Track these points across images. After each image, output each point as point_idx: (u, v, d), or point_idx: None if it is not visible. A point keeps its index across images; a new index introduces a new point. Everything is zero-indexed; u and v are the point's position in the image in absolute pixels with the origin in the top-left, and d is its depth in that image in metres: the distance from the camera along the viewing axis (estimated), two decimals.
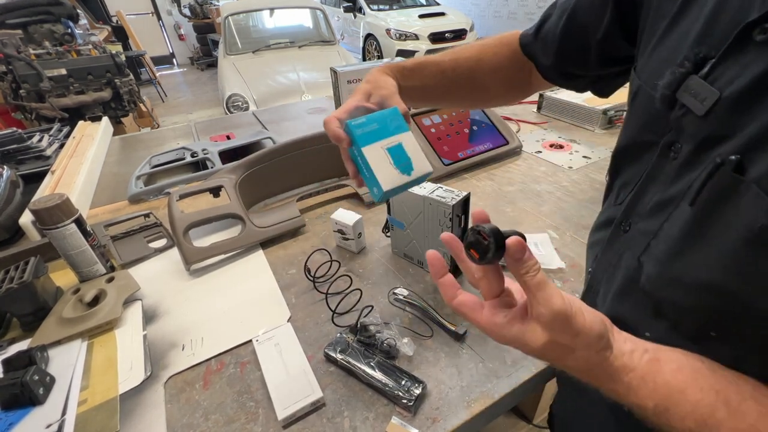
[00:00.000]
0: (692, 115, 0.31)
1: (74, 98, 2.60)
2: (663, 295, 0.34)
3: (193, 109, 5.25)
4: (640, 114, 0.39)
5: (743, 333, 0.30)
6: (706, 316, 0.31)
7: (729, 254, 0.28)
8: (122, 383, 0.57)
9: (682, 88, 0.32)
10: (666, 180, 0.35)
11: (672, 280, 0.33)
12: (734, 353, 0.30)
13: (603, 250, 0.44)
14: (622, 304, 0.40)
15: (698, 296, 0.31)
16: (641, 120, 0.39)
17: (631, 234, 0.39)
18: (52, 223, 0.69)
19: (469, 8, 7.40)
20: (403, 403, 0.53)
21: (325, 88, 2.98)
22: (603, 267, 0.44)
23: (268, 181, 1.04)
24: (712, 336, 0.31)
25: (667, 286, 0.33)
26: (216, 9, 6.24)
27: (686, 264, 0.31)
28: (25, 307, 0.67)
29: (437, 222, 0.70)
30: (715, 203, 0.29)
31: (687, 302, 0.32)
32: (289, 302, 0.73)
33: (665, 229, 0.33)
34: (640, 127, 0.40)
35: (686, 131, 0.32)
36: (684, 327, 0.33)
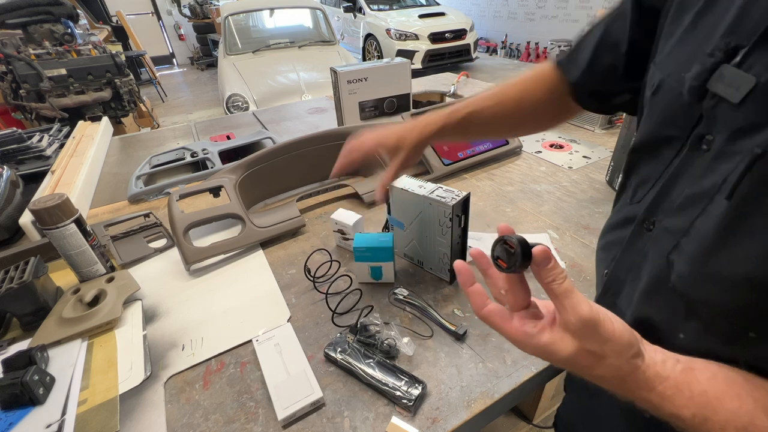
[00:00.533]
0: (726, 103, 0.31)
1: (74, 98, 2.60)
2: (697, 294, 0.33)
3: (193, 109, 5.25)
4: (662, 108, 0.39)
5: None
6: (744, 314, 0.30)
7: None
8: (122, 383, 0.57)
9: (714, 77, 0.31)
10: (697, 174, 0.34)
11: (708, 278, 0.32)
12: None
13: (623, 250, 0.43)
14: (651, 306, 0.38)
15: (737, 294, 0.30)
16: (662, 115, 0.39)
17: (656, 232, 0.38)
18: (52, 223, 0.69)
19: (469, 8, 7.40)
20: (403, 403, 0.53)
21: (325, 88, 2.98)
22: (625, 268, 0.43)
23: (268, 181, 1.04)
24: (750, 337, 0.30)
25: (702, 285, 0.32)
26: (216, 9, 6.24)
27: (724, 260, 0.30)
28: (25, 307, 0.67)
29: (437, 222, 0.70)
30: (756, 195, 0.28)
31: (724, 301, 0.31)
32: (289, 302, 0.73)
33: (697, 225, 0.32)
34: (661, 122, 0.39)
35: (719, 121, 0.32)
36: (719, 327, 0.32)
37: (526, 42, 6.51)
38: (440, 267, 0.75)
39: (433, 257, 0.75)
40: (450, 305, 0.70)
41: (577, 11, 5.75)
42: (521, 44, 6.61)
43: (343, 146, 0.68)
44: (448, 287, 0.74)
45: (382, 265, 0.73)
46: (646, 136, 0.41)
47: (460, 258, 0.75)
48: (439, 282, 0.76)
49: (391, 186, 0.75)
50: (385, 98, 1.43)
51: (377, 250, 0.71)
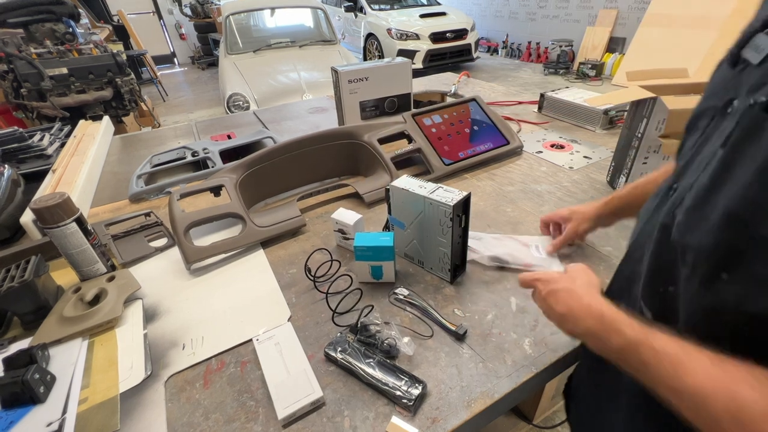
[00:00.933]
0: (750, 66, 0.34)
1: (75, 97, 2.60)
2: (689, 240, 0.36)
3: (193, 108, 5.25)
4: (713, 83, 0.42)
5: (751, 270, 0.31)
6: (721, 254, 0.33)
7: (747, 185, 0.30)
8: (123, 382, 0.57)
9: (748, 45, 0.35)
10: (716, 135, 0.37)
11: (697, 222, 0.35)
12: (742, 292, 0.32)
13: (649, 217, 0.47)
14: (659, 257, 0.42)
15: (718, 233, 0.32)
16: (710, 89, 0.42)
17: (676, 194, 0.41)
18: (53, 222, 0.69)
19: (470, 8, 7.39)
20: (403, 403, 0.53)
21: (326, 88, 2.98)
22: (646, 233, 0.47)
23: (269, 181, 1.04)
24: (722, 278, 0.33)
25: (693, 230, 0.35)
26: (217, 8, 6.24)
27: (712, 204, 0.33)
28: (26, 306, 0.67)
29: (438, 222, 0.70)
30: (743, 141, 0.31)
31: (707, 242, 0.34)
32: (289, 302, 0.73)
33: (700, 179, 0.36)
34: (707, 96, 0.42)
35: (743, 84, 0.35)
36: (700, 270, 0.35)
37: (527, 42, 6.50)
38: (441, 267, 0.75)
39: (433, 257, 0.75)
40: (450, 305, 0.70)
41: (578, 11, 5.75)
42: (522, 44, 6.60)
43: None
44: (448, 287, 0.74)
45: (383, 264, 0.73)
46: (694, 112, 0.45)
47: (460, 258, 0.76)
48: (439, 282, 0.76)
49: (391, 186, 0.75)
50: (386, 98, 1.43)
51: (378, 249, 0.71)
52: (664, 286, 0.41)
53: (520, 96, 1.77)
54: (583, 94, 1.49)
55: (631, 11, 5.14)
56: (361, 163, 1.13)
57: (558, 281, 0.51)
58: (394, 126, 1.16)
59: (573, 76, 5.54)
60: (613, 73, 5.18)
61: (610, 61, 5.29)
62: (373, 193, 1.01)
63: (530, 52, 6.46)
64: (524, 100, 1.71)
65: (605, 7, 5.41)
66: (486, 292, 0.73)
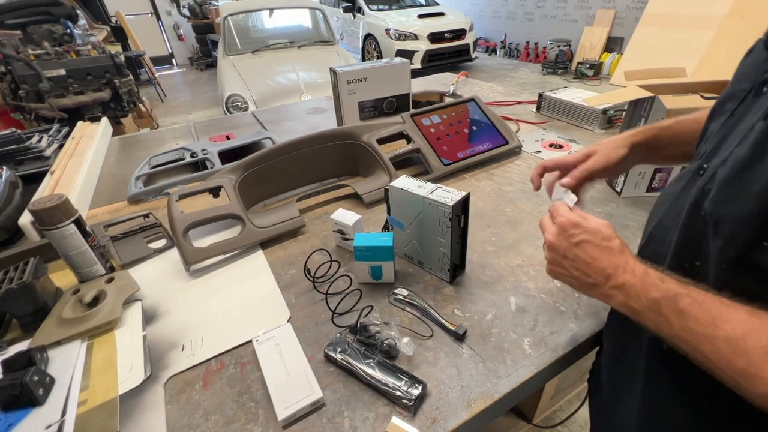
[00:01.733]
0: None
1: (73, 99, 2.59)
2: (723, 211, 0.37)
3: (192, 109, 5.25)
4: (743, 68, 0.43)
5: None
6: (762, 223, 0.34)
7: None
8: (122, 384, 0.57)
9: None
10: (753, 114, 0.38)
11: (735, 195, 0.36)
12: None
13: (675, 198, 0.48)
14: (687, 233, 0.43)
15: (759, 202, 0.33)
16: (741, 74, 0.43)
17: (704, 175, 0.42)
18: (52, 223, 0.69)
19: (468, 8, 7.40)
20: (403, 403, 0.53)
21: (325, 89, 2.98)
22: (672, 215, 0.47)
23: (268, 182, 1.04)
24: (764, 246, 0.34)
25: (730, 201, 0.36)
26: (215, 9, 6.25)
27: (753, 175, 0.34)
28: (25, 308, 0.67)
29: (437, 222, 0.70)
30: None
31: (747, 212, 0.34)
32: (289, 302, 0.73)
33: (735, 153, 0.37)
34: (739, 79, 0.43)
35: None
36: (740, 239, 0.36)
37: (525, 42, 6.51)
38: (440, 267, 0.75)
39: (433, 257, 0.75)
40: (450, 305, 0.70)
41: (576, 11, 5.76)
42: (520, 44, 6.61)
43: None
44: (448, 287, 0.74)
45: (382, 264, 0.73)
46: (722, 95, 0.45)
47: (459, 258, 0.76)
48: (439, 282, 0.76)
49: (390, 186, 0.75)
50: (385, 98, 1.44)
51: (377, 249, 0.71)
52: (690, 261, 0.42)
53: (519, 96, 1.77)
54: (582, 93, 1.49)
55: (629, 11, 5.16)
56: (360, 163, 1.13)
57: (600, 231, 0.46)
58: (392, 126, 1.16)
59: (571, 75, 5.56)
60: (611, 73, 5.19)
61: (608, 61, 5.31)
62: (373, 193, 1.01)
63: (528, 52, 6.47)
64: (523, 100, 1.72)
65: (603, 7, 5.43)
66: (485, 292, 0.73)
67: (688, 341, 0.37)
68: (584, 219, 0.48)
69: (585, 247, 0.46)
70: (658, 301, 0.39)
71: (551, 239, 0.50)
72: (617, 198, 0.98)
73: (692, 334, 0.37)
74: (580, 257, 0.46)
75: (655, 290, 0.40)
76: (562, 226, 0.49)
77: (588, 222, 0.47)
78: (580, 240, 0.47)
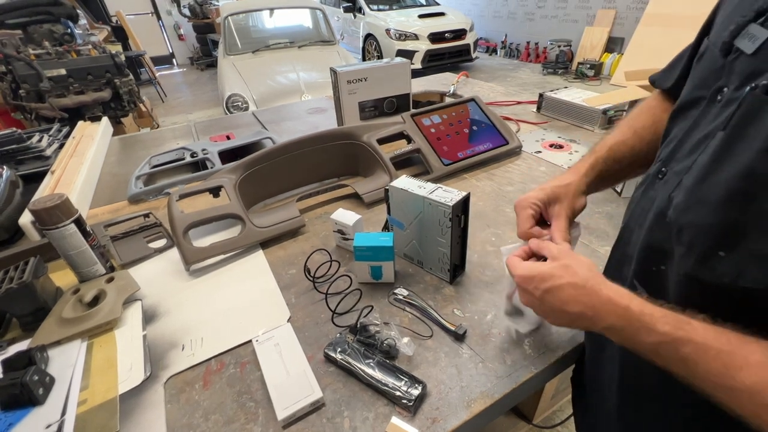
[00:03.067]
0: (743, 55, 0.35)
1: (74, 98, 2.59)
2: (686, 219, 0.37)
3: (192, 109, 5.25)
4: (699, 72, 0.43)
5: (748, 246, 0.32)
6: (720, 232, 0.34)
7: (748, 163, 0.31)
8: (122, 383, 0.57)
9: (741, 35, 0.36)
10: (708, 121, 0.38)
11: (697, 203, 0.36)
12: (738, 269, 0.33)
13: (637, 201, 0.48)
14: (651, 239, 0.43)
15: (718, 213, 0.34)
16: (698, 79, 0.43)
17: (666, 178, 0.42)
18: (52, 223, 0.69)
19: (468, 8, 7.39)
20: (403, 404, 0.53)
21: (325, 88, 2.98)
22: (636, 216, 0.47)
23: (268, 181, 1.04)
24: (720, 256, 0.34)
25: (690, 210, 0.36)
26: (216, 9, 6.24)
27: (713, 185, 0.34)
28: (25, 308, 0.67)
29: (437, 222, 0.70)
30: (744, 122, 0.33)
31: (707, 221, 0.35)
32: (288, 302, 0.73)
33: (698, 161, 0.37)
34: (696, 85, 0.43)
35: (735, 72, 0.36)
36: (698, 248, 0.36)
37: (525, 42, 6.51)
38: (440, 267, 0.75)
39: (433, 257, 0.75)
40: (450, 305, 0.70)
41: (577, 11, 5.76)
42: (521, 44, 6.61)
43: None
44: (448, 287, 0.74)
45: (383, 264, 0.73)
46: (681, 100, 0.45)
47: (459, 258, 0.76)
48: (439, 282, 0.76)
49: (390, 186, 0.75)
50: (385, 98, 1.43)
51: (378, 249, 0.71)
52: (656, 265, 0.42)
53: (519, 96, 1.77)
54: (582, 94, 1.49)
55: (630, 11, 5.16)
56: (361, 163, 1.13)
57: (553, 276, 0.44)
58: (393, 126, 1.16)
59: (571, 76, 5.55)
60: (611, 73, 5.19)
61: (609, 61, 5.31)
62: (373, 193, 1.01)
63: (529, 52, 6.46)
64: (523, 100, 1.72)
65: (603, 7, 5.42)
66: (485, 292, 0.73)
67: (699, 387, 0.34)
68: (533, 269, 0.45)
69: (550, 297, 0.44)
70: (654, 346, 0.37)
71: (523, 301, 0.49)
72: (617, 198, 0.98)
73: (702, 382, 0.34)
74: (555, 306, 0.44)
75: (647, 334, 0.37)
76: (520, 286, 0.47)
77: (538, 269, 0.45)
78: (543, 292, 0.44)
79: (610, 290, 0.41)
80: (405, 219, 0.76)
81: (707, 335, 0.34)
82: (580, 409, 0.67)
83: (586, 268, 0.43)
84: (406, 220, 0.76)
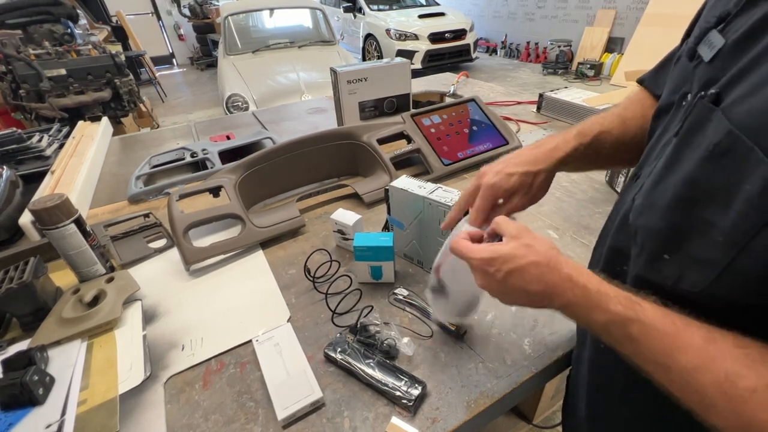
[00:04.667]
0: (702, 63, 0.36)
1: (74, 98, 2.59)
2: (640, 222, 0.39)
3: (192, 109, 5.25)
4: (674, 77, 0.43)
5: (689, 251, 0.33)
6: (665, 236, 0.36)
7: (691, 171, 0.32)
8: (122, 383, 0.57)
9: (703, 41, 0.36)
10: (673, 127, 0.38)
11: (648, 206, 0.37)
12: (679, 272, 0.35)
13: (615, 204, 0.49)
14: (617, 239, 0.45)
15: (664, 217, 0.35)
16: (672, 83, 0.43)
17: (638, 181, 0.43)
18: (52, 223, 0.69)
19: (468, 8, 7.39)
20: (403, 404, 0.53)
21: (325, 88, 2.98)
22: (612, 217, 0.49)
23: (268, 181, 1.04)
24: (665, 258, 0.36)
25: (644, 214, 0.38)
26: (216, 9, 6.24)
27: (662, 189, 0.36)
28: (25, 308, 0.67)
29: (437, 222, 0.70)
30: (692, 131, 0.34)
31: (655, 225, 0.36)
32: (288, 302, 0.73)
33: (657, 166, 0.38)
34: (670, 90, 0.43)
35: (696, 79, 0.37)
36: (647, 250, 0.38)
37: (525, 42, 6.51)
38: None
39: (433, 257, 0.75)
40: None
41: (577, 11, 5.76)
42: (521, 44, 6.61)
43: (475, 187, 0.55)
44: None
45: (383, 264, 0.73)
46: (660, 103, 0.45)
47: None
48: None
49: (390, 186, 0.75)
50: (385, 98, 1.43)
51: (378, 249, 0.71)
52: (620, 266, 0.43)
53: (519, 96, 1.77)
54: (582, 94, 1.49)
55: (630, 11, 5.16)
56: (361, 163, 1.13)
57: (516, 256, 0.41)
58: (393, 126, 1.16)
59: (572, 76, 5.55)
60: (611, 73, 5.19)
61: (609, 61, 5.31)
62: (373, 193, 1.01)
63: (529, 52, 6.46)
64: (523, 100, 1.72)
65: (604, 7, 5.42)
66: None
67: (641, 366, 0.36)
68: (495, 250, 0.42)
69: (513, 278, 0.41)
70: (605, 325, 0.37)
71: (480, 284, 0.45)
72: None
73: (645, 361, 0.35)
74: (516, 287, 0.42)
75: (600, 313, 0.37)
76: (479, 268, 0.44)
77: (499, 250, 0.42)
78: (505, 273, 0.41)
79: (571, 268, 0.40)
80: (405, 219, 0.76)
81: (655, 316, 0.34)
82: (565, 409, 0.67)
83: (547, 246, 0.42)
84: (406, 220, 0.76)
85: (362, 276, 0.75)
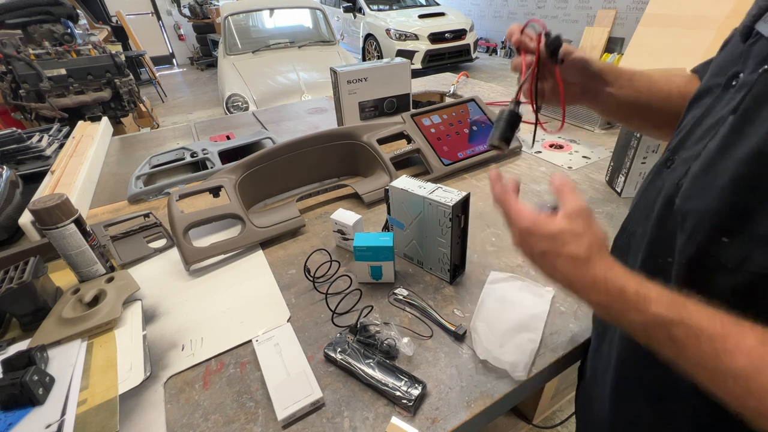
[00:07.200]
0: (763, 39, 0.35)
1: (74, 98, 2.60)
2: (690, 206, 0.36)
3: (192, 109, 5.25)
4: (719, 61, 0.43)
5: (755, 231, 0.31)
6: (723, 218, 0.33)
7: (757, 146, 0.31)
8: (122, 383, 0.57)
9: (762, 18, 0.35)
10: (722, 107, 0.37)
11: (703, 188, 0.35)
12: (743, 253, 0.32)
13: (643, 190, 0.47)
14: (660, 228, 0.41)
15: (722, 198, 0.33)
16: (716, 67, 0.42)
17: (674, 166, 0.41)
18: (52, 223, 0.69)
19: (468, 8, 7.40)
20: (403, 404, 0.53)
21: (325, 88, 2.98)
22: (641, 207, 0.46)
23: (268, 181, 1.04)
24: (723, 242, 0.34)
25: (698, 196, 0.36)
26: (216, 9, 6.24)
27: (720, 169, 0.34)
28: (25, 307, 0.67)
29: (437, 222, 0.70)
30: (756, 105, 0.32)
31: (711, 207, 0.34)
32: (288, 302, 0.73)
33: (708, 147, 0.36)
34: (712, 74, 0.42)
35: (752, 57, 0.35)
36: (701, 234, 0.35)
37: None
38: (440, 267, 0.75)
39: (433, 257, 0.75)
40: (450, 305, 0.70)
41: (577, 11, 5.76)
42: None
43: None
44: (448, 287, 0.74)
45: (383, 264, 0.73)
46: (697, 90, 0.44)
47: (459, 258, 0.75)
48: (439, 282, 0.76)
49: (390, 186, 0.75)
50: (385, 98, 1.43)
51: (378, 249, 0.71)
52: (663, 257, 0.40)
53: None
54: None
55: (630, 11, 5.16)
56: (361, 163, 1.13)
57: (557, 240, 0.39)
58: (393, 126, 1.16)
59: None
60: None
61: (609, 61, 5.30)
62: (373, 193, 1.01)
63: None
64: (523, 100, 1.71)
65: (604, 8, 5.42)
66: None
67: (685, 369, 0.34)
68: (538, 226, 0.40)
69: (544, 260, 0.41)
70: (642, 325, 0.35)
71: (514, 243, 0.44)
72: (617, 198, 0.98)
73: (690, 364, 0.33)
74: (545, 268, 0.41)
75: (637, 314, 0.35)
76: (520, 234, 0.43)
77: (544, 227, 0.40)
78: (539, 253, 0.41)
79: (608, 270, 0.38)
80: (405, 219, 0.76)
81: (701, 318, 0.33)
82: (580, 399, 0.67)
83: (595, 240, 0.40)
84: (406, 220, 0.76)
85: (362, 276, 0.75)
